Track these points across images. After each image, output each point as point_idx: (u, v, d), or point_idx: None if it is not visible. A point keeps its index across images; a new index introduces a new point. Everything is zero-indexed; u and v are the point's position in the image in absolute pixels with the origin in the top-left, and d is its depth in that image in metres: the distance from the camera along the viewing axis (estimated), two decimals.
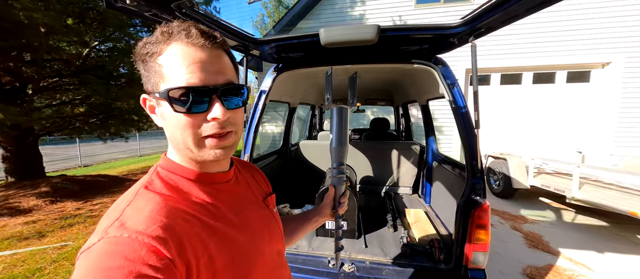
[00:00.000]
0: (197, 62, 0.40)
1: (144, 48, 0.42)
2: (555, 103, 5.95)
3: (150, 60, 0.42)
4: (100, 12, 4.31)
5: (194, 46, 0.41)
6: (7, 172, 5.12)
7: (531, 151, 5.58)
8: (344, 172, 0.80)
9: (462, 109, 1.36)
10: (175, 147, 0.46)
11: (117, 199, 0.41)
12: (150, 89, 0.44)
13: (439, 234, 1.74)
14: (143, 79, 0.45)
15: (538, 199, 4.42)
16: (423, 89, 2.17)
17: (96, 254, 0.32)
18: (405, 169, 2.69)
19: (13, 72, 4.50)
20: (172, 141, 0.45)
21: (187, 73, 0.40)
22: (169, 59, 0.40)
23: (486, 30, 1.14)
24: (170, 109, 0.40)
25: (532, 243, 2.93)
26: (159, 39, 0.41)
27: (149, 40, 0.42)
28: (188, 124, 0.41)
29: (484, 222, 1.23)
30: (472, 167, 1.31)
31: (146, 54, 0.42)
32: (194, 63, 0.40)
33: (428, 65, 1.44)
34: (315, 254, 1.55)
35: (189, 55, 0.40)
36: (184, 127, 0.41)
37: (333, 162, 0.82)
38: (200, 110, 0.41)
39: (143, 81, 0.45)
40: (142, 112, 6.10)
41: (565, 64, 5.67)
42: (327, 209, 0.80)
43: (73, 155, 9.99)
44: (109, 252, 0.32)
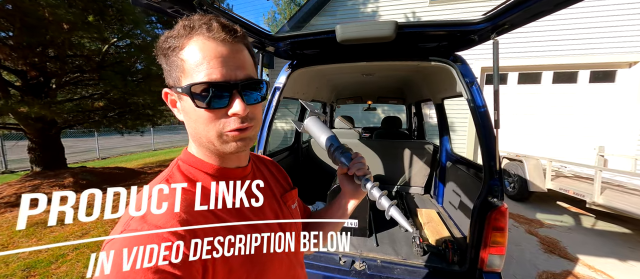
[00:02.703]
0: (218, 56, 0.41)
1: (166, 42, 0.42)
2: (577, 104, 5.69)
3: (172, 54, 0.42)
4: (119, 9, 4.44)
5: (215, 40, 0.41)
6: (32, 163, 5.39)
7: (548, 152, 5.38)
8: (342, 146, 0.66)
9: (481, 108, 1.33)
10: (196, 142, 0.46)
11: (141, 191, 0.41)
12: (172, 83, 0.44)
13: (452, 236, 1.71)
14: (165, 74, 0.45)
15: (555, 203, 4.26)
16: (438, 87, 2.12)
17: (118, 248, 0.33)
18: (417, 169, 2.65)
19: (38, 67, 4.72)
20: (194, 135, 0.45)
21: (209, 68, 0.40)
22: (191, 54, 0.40)
23: (509, 27, 1.10)
24: (192, 104, 0.41)
25: (549, 247, 2.83)
26: (181, 33, 0.41)
27: (170, 35, 0.42)
28: (209, 119, 0.42)
29: (502, 225, 1.20)
30: (490, 168, 1.28)
31: (168, 48, 0.42)
32: (215, 58, 0.40)
33: (446, 62, 1.41)
34: (327, 251, 1.56)
35: (211, 50, 0.40)
36: (205, 122, 0.42)
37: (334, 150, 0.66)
38: (221, 105, 0.41)
39: (165, 75, 0.45)
40: (157, 107, 6.29)
41: (588, 63, 5.40)
42: (346, 187, 0.66)
43: (92, 148, 10.38)
44: (129, 243, 0.33)
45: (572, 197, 3.66)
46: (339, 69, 2.23)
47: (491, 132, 1.30)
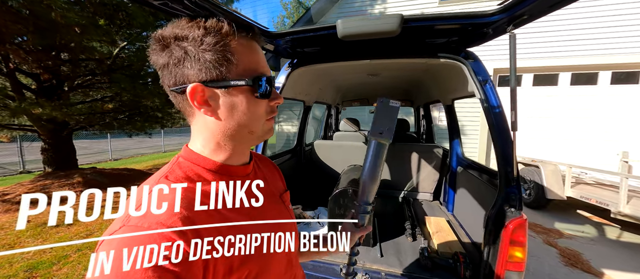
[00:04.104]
0: (262, 54, 0.47)
1: (205, 38, 0.41)
2: (597, 106, 5.38)
3: (213, 50, 0.41)
4: (128, 13, 4.52)
5: (250, 39, 0.45)
6: (45, 163, 5.53)
7: (566, 158, 5.10)
8: (370, 212, 0.78)
9: (496, 109, 1.21)
10: (229, 136, 0.47)
11: (139, 186, 0.42)
12: (212, 77, 0.42)
13: (463, 247, 1.58)
14: (195, 69, 0.42)
15: (575, 212, 4.01)
16: (448, 87, 2.00)
17: (117, 244, 0.33)
18: (425, 174, 2.52)
19: (52, 70, 4.85)
20: (231, 129, 0.46)
21: (262, 64, 0.46)
22: (240, 50, 0.43)
23: (529, 18, 0.99)
24: (249, 96, 0.45)
25: (570, 260, 2.63)
26: (225, 31, 0.43)
27: (207, 32, 0.42)
28: (265, 110, 0.47)
29: (521, 238, 1.08)
30: (507, 174, 1.16)
31: (210, 44, 0.42)
32: (261, 55, 0.46)
33: (457, 59, 1.30)
34: (326, 260, 1.46)
35: (256, 48, 0.45)
36: (261, 113, 0.47)
37: (361, 197, 0.78)
38: (268, 97, 0.47)
39: (195, 71, 0.42)
40: (166, 109, 6.37)
41: (609, 63, 5.11)
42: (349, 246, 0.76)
43: (105, 149, 10.68)
44: (129, 242, 0.33)
45: (594, 206, 3.42)
46: (343, 69, 2.14)
47: (507, 135, 1.18)
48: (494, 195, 1.23)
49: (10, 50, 4.12)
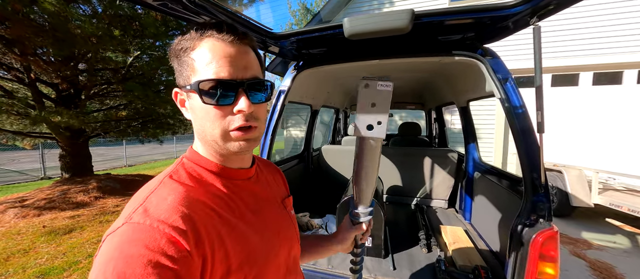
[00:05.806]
0: (227, 56, 0.42)
1: (179, 44, 0.44)
2: (622, 107, 5.06)
3: (183, 55, 0.44)
4: (141, 24, 4.66)
5: (224, 42, 0.43)
6: (62, 170, 5.72)
7: (589, 162, 4.79)
8: (363, 221, 0.73)
9: (519, 109, 1.11)
10: (201, 140, 0.47)
11: (144, 186, 0.42)
12: (182, 83, 0.46)
13: (484, 260, 1.46)
14: (176, 74, 0.47)
15: (603, 220, 3.73)
16: (463, 87, 1.90)
17: (119, 240, 0.33)
18: (439, 180, 2.39)
19: (70, 79, 5.05)
20: (199, 133, 0.46)
21: (217, 67, 0.42)
22: (201, 54, 0.42)
23: (555, 8, 0.89)
24: (200, 100, 0.42)
25: (602, 274, 2.42)
26: (193, 36, 0.43)
27: (183, 38, 0.45)
28: (216, 116, 0.43)
29: (552, 252, 0.96)
30: (533, 181, 1.05)
31: (180, 50, 0.44)
32: (224, 57, 0.42)
33: (473, 57, 1.21)
34: (334, 273, 1.38)
35: (219, 50, 0.42)
36: (212, 119, 0.43)
37: (355, 205, 0.74)
38: (227, 102, 0.43)
39: (176, 76, 0.47)
40: (177, 116, 6.51)
41: (635, 61, 4.81)
42: (347, 243, 0.74)
43: (121, 155, 11.01)
44: (131, 239, 0.33)
45: (625, 214, 3.16)
46: (351, 71, 2.08)
47: (533, 138, 1.08)
48: (517, 203, 1.13)
49: (31, 61, 4.31)
